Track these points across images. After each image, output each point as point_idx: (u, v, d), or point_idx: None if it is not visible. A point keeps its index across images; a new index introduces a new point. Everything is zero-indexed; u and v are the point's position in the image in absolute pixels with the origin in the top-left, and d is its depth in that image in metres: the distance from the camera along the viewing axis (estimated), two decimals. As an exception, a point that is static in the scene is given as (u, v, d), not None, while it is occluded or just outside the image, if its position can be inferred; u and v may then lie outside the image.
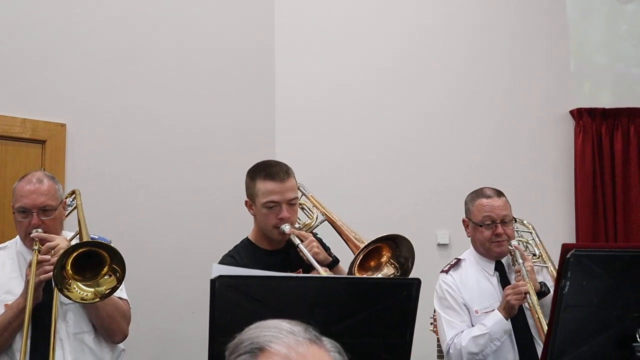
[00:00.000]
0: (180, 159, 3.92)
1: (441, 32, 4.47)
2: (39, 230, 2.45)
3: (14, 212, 2.51)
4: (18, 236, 2.57)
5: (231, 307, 1.71)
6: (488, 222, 2.79)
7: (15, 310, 2.35)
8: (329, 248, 2.68)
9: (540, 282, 2.68)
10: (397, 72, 4.41)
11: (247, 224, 2.75)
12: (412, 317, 1.88)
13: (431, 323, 3.20)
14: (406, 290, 1.86)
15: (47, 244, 2.39)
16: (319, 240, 2.64)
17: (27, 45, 3.50)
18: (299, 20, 4.37)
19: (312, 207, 2.82)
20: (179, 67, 3.98)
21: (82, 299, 2.28)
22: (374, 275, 2.46)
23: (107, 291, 2.30)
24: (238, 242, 2.67)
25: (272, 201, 2.48)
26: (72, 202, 2.72)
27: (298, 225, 2.67)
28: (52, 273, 2.24)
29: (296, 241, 2.47)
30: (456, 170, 4.29)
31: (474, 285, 2.82)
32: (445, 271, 2.90)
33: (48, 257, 2.34)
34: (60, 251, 2.27)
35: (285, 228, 2.47)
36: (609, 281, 1.91)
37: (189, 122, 3.97)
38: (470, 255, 2.92)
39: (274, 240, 2.56)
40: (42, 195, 2.46)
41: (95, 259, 2.30)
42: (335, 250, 2.67)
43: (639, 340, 1.93)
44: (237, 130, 4.12)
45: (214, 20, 4.13)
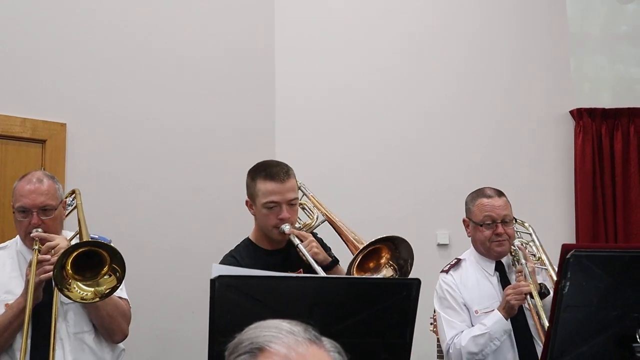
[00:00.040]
0: (180, 159, 3.92)
1: (441, 32, 4.47)
2: (39, 230, 2.44)
3: (14, 212, 2.50)
4: (18, 236, 2.57)
5: (231, 307, 1.71)
6: (488, 222, 2.79)
7: (16, 310, 2.35)
8: (329, 248, 2.68)
9: (540, 284, 2.68)
10: (397, 72, 4.40)
11: (247, 224, 2.75)
12: (412, 317, 1.88)
13: (431, 323, 3.20)
14: (406, 290, 1.86)
15: (47, 243, 2.39)
16: (319, 240, 2.64)
17: (27, 45, 3.50)
18: (299, 21, 4.37)
19: (313, 208, 2.82)
20: (179, 67, 3.98)
21: (82, 299, 2.28)
22: (372, 276, 2.46)
23: (107, 291, 2.30)
24: (238, 242, 2.67)
25: (272, 201, 2.48)
26: (72, 201, 2.72)
27: (298, 225, 2.67)
28: (52, 273, 2.24)
29: (296, 241, 2.47)
30: (456, 170, 4.29)
31: (474, 285, 2.82)
32: (445, 271, 2.89)
33: (48, 256, 2.34)
34: (61, 251, 2.27)
35: (285, 228, 2.48)
36: (609, 281, 1.91)
37: (189, 122, 3.97)
38: (471, 255, 2.92)
39: (275, 240, 2.56)
40: (42, 195, 2.46)
41: (95, 259, 2.30)
42: (335, 251, 2.67)
43: (639, 340, 1.93)
44: (237, 130, 4.12)
45: (214, 21, 4.13)
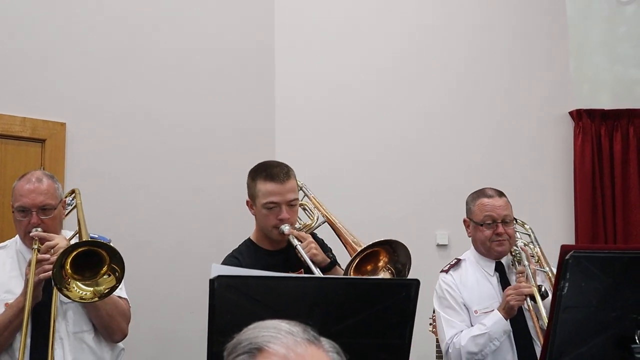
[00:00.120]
0: (180, 159, 3.92)
1: (441, 32, 4.46)
2: (38, 229, 2.44)
3: (14, 211, 2.51)
4: (18, 235, 2.57)
5: (230, 307, 1.71)
6: (489, 222, 2.79)
7: (16, 309, 2.35)
8: (330, 249, 2.68)
9: (539, 285, 2.68)
10: (397, 72, 4.40)
11: (247, 224, 2.75)
12: (411, 317, 1.87)
13: (430, 324, 3.20)
14: (405, 290, 1.85)
15: (47, 243, 2.39)
16: (320, 241, 2.65)
17: (27, 45, 3.50)
18: (299, 20, 4.37)
19: (314, 208, 2.82)
20: (179, 67, 3.98)
21: (81, 298, 2.28)
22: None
23: (106, 291, 2.30)
24: (238, 242, 2.67)
25: (272, 202, 2.49)
26: (72, 201, 2.72)
27: (298, 225, 2.67)
28: (51, 272, 2.23)
29: (294, 242, 2.47)
30: (456, 170, 4.29)
31: (474, 285, 2.82)
32: (445, 271, 2.90)
33: (47, 256, 2.34)
34: (60, 250, 2.27)
35: (285, 229, 2.48)
36: (608, 282, 1.91)
37: (189, 122, 3.97)
38: (471, 256, 2.92)
39: (275, 240, 2.56)
40: (41, 195, 2.46)
41: (95, 259, 2.30)
42: (334, 253, 2.67)
43: (637, 341, 1.93)
44: (237, 130, 4.12)
45: (214, 20, 4.13)
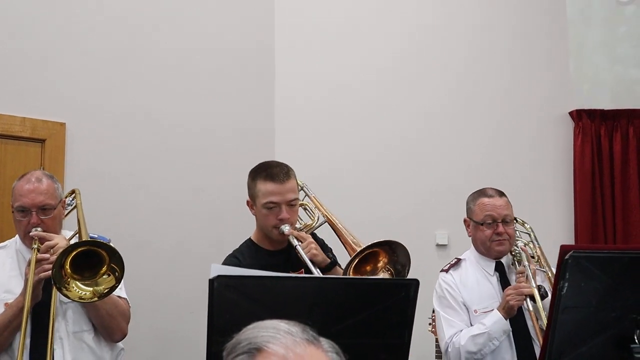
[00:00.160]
0: (180, 159, 3.92)
1: (441, 32, 4.46)
2: (38, 229, 2.45)
3: (13, 211, 2.51)
4: (17, 235, 2.57)
5: (230, 307, 1.71)
6: (489, 221, 2.79)
7: (15, 309, 2.35)
8: (330, 250, 2.68)
9: (538, 286, 2.68)
10: (397, 72, 4.40)
11: (247, 224, 2.75)
12: (411, 317, 1.87)
13: (430, 323, 3.20)
14: (404, 290, 1.85)
15: (46, 242, 2.39)
16: (321, 241, 2.65)
17: (27, 45, 3.50)
18: (299, 21, 4.37)
19: (314, 208, 2.82)
20: (179, 67, 3.98)
21: (81, 298, 2.28)
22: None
23: (106, 290, 2.30)
24: (238, 242, 2.68)
25: (272, 202, 2.49)
26: (72, 201, 2.73)
27: (299, 225, 2.67)
28: (51, 272, 2.23)
29: (294, 242, 2.47)
30: (456, 170, 4.29)
31: (474, 284, 2.82)
32: (445, 270, 2.90)
33: (47, 255, 2.34)
34: (60, 250, 2.27)
35: (285, 229, 2.48)
36: (608, 282, 1.90)
37: (189, 122, 3.97)
38: (471, 255, 2.92)
39: (275, 240, 2.56)
40: (41, 195, 2.46)
41: (95, 258, 2.30)
42: (334, 253, 2.67)
43: (637, 341, 1.93)
44: (237, 130, 4.12)
45: (213, 20, 4.13)
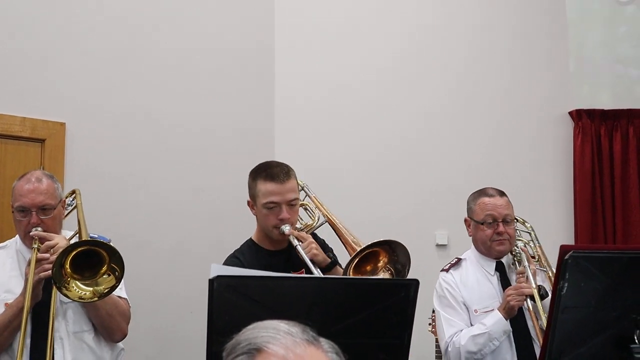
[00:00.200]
0: (180, 159, 3.92)
1: (441, 32, 4.46)
2: (38, 229, 2.44)
3: (13, 211, 2.51)
4: (17, 235, 2.57)
5: (229, 307, 1.71)
6: (490, 221, 2.79)
7: (15, 309, 2.35)
8: (331, 250, 2.69)
9: (538, 286, 2.68)
10: (397, 72, 4.40)
11: (247, 224, 2.76)
12: (411, 317, 1.87)
13: (429, 324, 3.20)
14: (404, 291, 1.85)
15: (47, 242, 2.39)
16: (321, 241, 2.65)
17: (27, 45, 3.50)
18: (299, 20, 4.37)
19: (315, 209, 2.83)
20: (179, 67, 3.98)
21: (80, 298, 2.28)
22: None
23: (106, 290, 2.30)
24: (238, 242, 2.68)
25: (272, 202, 2.49)
26: (72, 201, 2.73)
27: (299, 225, 2.67)
28: (51, 271, 2.23)
29: (294, 242, 2.48)
30: (456, 170, 4.28)
31: (474, 284, 2.82)
32: (445, 270, 2.90)
33: (47, 255, 2.34)
34: (60, 250, 2.27)
35: (285, 229, 2.48)
36: (607, 283, 1.90)
37: (189, 122, 3.97)
38: (471, 255, 2.92)
39: (276, 240, 2.56)
40: (41, 194, 2.46)
41: (95, 258, 2.30)
42: (335, 253, 2.67)
43: (637, 341, 1.93)
44: (237, 130, 4.12)
45: (214, 20, 4.13)
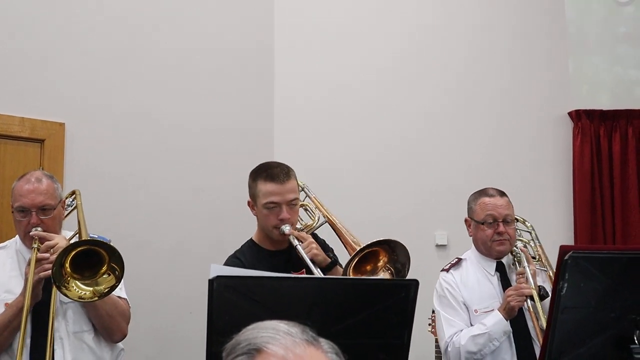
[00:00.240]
0: (180, 159, 3.92)
1: (441, 32, 4.47)
2: (38, 229, 2.45)
3: (13, 212, 2.51)
4: (17, 236, 2.57)
5: (229, 307, 1.71)
6: (490, 221, 2.79)
7: (15, 309, 2.35)
8: (331, 250, 2.69)
9: (539, 286, 2.68)
10: (397, 72, 4.40)
11: (247, 224, 2.76)
12: (410, 318, 1.88)
13: (429, 324, 3.20)
14: (404, 291, 1.85)
15: (46, 242, 2.39)
16: (322, 242, 2.66)
17: (27, 45, 3.50)
18: (299, 20, 4.37)
19: (315, 209, 2.83)
20: (179, 67, 3.98)
21: (80, 298, 2.28)
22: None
23: (106, 290, 2.30)
24: (238, 242, 2.68)
25: (272, 202, 2.50)
26: (72, 202, 2.73)
27: (299, 226, 2.68)
28: (51, 271, 2.23)
29: (294, 242, 2.48)
30: (456, 170, 4.28)
31: (474, 284, 2.82)
32: (446, 270, 2.90)
33: (47, 255, 2.34)
34: (60, 249, 2.27)
35: (285, 229, 2.49)
36: (607, 283, 1.90)
37: (189, 122, 3.97)
38: (472, 255, 2.92)
39: (277, 241, 2.57)
40: (40, 195, 2.46)
41: (95, 258, 2.30)
42: (335, 253, 2.68)
43: (636, 342, 1.93)
44: (237, 130, 4.12)
45: (213, 20, 4.13)
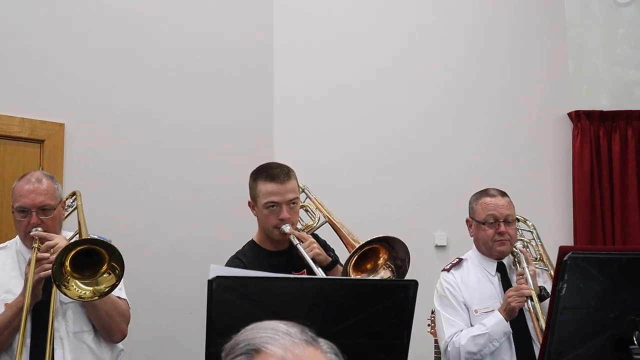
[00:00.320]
0: (180, 159, 3.92)
1: (441, 32, 4.46)
2: (38, 229, 2.45)
3: (13, 212, 2.51)
4: (18, 236, 2.58)
5: (228, 307, 1.71)
6: (491, 221, 2.80)
7: (15, 309, 2.35)
8: (332, 250, 2.70)
9: (540, 287, 2.68)
10: (397, 72, 4.40)
11: (247, 224, 2.76)
12: (410, 318, 1.88)
13: (428, 325, 3.20)
14: (403, 291, 1.86)
15: (47, 242, 2.39)
16: (322, 242, 2.66)
17: (27, 45, 3.50)
18: (298, 20, 4.37)
19: (315, 210, 2.84)
20: (179, 67, 3.98)
21: (80, 297, 2.28)
22: (370, 277, 2.46)
23: (107, 289, 2.31)
24: (238, 242, 2.69)
25: (272, 202, 2.50)
26: (73, 203, 2.73)
27: (300, 226, 2.68)
28: (51, 270, 2.24)
29: (295, 241, 2.49)
30: (455, 170, 4.28)
31: (475, 284, 2.82)
32: (446, 270, 2.90)
33: (47, 254, 2.35)
34: (60, 249, 2.27)
35: (286, 228, 2.50)
36: (606, 284, 1.90)
37: (188, 122, 3.97)
38: (473, 255, 2.92)
39: (277, 241, 2.57)
40: (41, 195, 2.47)
41: (95, 257, 2.30)
42: (336, 253, 2.68)
43: (636, 342, 1.93)
44: (236, 131, 4.12)
45: (213, 21, 4.13)
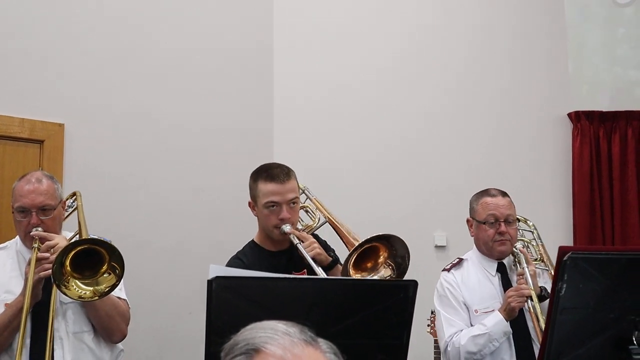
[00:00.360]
0: (180, 159, 3.92)
1: (441, 32, 4.47)
2: (38, 229, 2.45)
3: (14, 212, 2.51)
4: (18, 236, 2.58)
5: (228, 307, 1.72)
6: (492, 220, 2.80)
7: (15, 309, 2.35)
8: (333, 250, 2.70)
9: (540, 287, 2.68)
10: (397, 72, 4.40)
11: (247, 224, 2.76)
12: (409, 318, 1.88)
13: (428, 325, 3.20)
14: (403, 291, 1.86)
15: (47, 242, 2.39)
16: (323, 242, 2.67)
17: (27, 45, 3.50)
18: (298, 20, 4.37)
19: (316, 210, 2.85)
20: (179, 67, 3.98)
21: (80, 297, 2.29)
22: (370, 276, 2.46)
23: (107, 289, 2.31)
24: (238, 242, 2.69)
25: (273, 202, 2.51)
26: (73, 203, 2.73)
27: (300, 226, 2.69)
28: (51, 270, 2.24)
29: (295, 241, 2.49)
30: (456, 170, 4.28)
31: (475, 284, 2.82)
32: (447, 269, 2.90)
33: (47, 254, 2.35)
34: (60, 249, 2.27)
35: (286, 228, 2.50)
36: (606, 284, 1.90)
37: (188, 122, 3.97)
38: (473, 255, 2.92)
39: (277, 241, 2.58)
40: (41, 195, 2.47)
41: (95, 257, 2.30)
42: (337, 253, 2.68)
43: (635, 342, 1.93)
44: (236, 131, 4.12)
45: (213, 21, 4.13)
